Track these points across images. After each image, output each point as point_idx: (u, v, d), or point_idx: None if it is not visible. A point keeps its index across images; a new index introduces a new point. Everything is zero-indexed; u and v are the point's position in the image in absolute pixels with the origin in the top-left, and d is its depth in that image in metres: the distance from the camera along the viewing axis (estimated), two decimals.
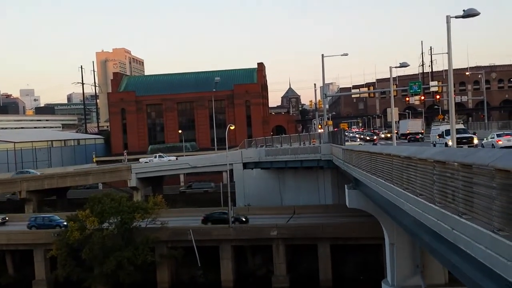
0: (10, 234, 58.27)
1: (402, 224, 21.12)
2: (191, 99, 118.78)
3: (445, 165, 12.86)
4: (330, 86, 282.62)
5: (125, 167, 78.38)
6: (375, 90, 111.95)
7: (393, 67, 49.14)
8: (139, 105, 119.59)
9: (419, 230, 17.12)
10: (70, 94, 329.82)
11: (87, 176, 79.53)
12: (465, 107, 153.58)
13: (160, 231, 52.38)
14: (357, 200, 35.63)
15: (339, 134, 50.55)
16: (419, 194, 15.83)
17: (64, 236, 51.49)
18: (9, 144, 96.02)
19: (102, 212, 51.62)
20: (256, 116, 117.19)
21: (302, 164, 63.17)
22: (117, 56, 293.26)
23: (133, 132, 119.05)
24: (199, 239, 52.67)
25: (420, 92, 63.65)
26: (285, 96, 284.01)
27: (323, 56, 62.21)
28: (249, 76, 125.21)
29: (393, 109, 47.07)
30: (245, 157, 70.97)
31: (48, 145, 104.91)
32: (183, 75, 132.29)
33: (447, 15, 27.60)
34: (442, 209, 13.08)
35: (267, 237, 51.90)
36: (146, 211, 52.85)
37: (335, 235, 51.06)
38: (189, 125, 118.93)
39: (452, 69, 31.53)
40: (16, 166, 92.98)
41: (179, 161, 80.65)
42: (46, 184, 75.76)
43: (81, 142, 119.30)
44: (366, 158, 28.02)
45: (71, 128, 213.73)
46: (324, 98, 67.32)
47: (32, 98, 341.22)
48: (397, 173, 19.30)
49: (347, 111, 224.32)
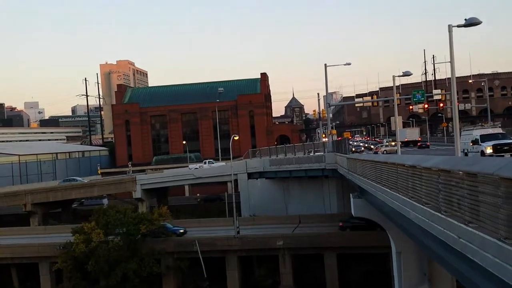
0: (14, 248, 58.31)
1: (409, 232, 21.07)
2: (195, 110, 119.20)
3: (450, 174, 12.89)
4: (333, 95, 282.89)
5: (129, 179, 78.52)
6: (378, 99, 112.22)
7: (396, 76, 49.22)
8: (143, 117, 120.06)
9: (426, 239, 17.08)
10: (75, 106, 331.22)
11: (92, 188, 79.61)
12: (468, 114, 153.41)
13: (166, 242, 52.37)
14: (362, 209, 35.53)
15: (343, 143, 50.59)
16: (424, 202, 15.82)
17: (69, 249, 51.55)
18: (14, 157, 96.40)
19: (108, 224, 51.75)
20: (260, 126, 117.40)
21: (306, 173, 63.16)
22: (121, 68, 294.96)
23: (138, 143, 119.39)
24: (205, 250, 52.61)
25: (424, 101, 63.75)
26: (289, 105, 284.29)
27: (326, 65, 62.34)
28: (253, 86, 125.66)
29: (397, 118, 47.11)
30: (249, 167, 71.02)
31: (53, 157, 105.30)
32: (186, 86, 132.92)
33: (449, 25, 27.72)
34: (448, 218, 13.08)
35: (273, 247, 51.79)
36: (151, 222, 52.91)
37: (341, 244, 50.90)
38: (193, 136, 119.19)
39: (455, 77, 31.62)
40: (21, 179, 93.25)
41: (183, 172, 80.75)
42: (51, 197, 75.88)
43: (86, 154, 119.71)
44: (370, 167, 28.02)
45: (75, 140, 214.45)
46: (327, 108, 67.39)
47: (37, 110, 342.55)
48: (402, 182, 19.29)
49: (351, 119, 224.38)
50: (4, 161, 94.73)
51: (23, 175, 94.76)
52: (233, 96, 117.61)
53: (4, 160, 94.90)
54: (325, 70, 62.36)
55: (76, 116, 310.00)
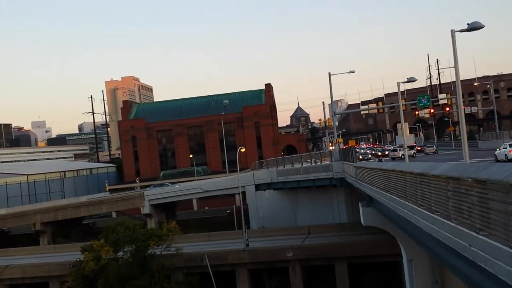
0: (25, 267, 58.37)
1: (419, 240, 20.86)
2: (200, 123, 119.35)
3: (459, 181, 12.72)
4: (338, 103, 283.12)
5: (137, 194, 78.53)
6: (384, 105, 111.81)
7: (401, 82, 49.03)
8: (149, 132, 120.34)
9: (437, 247, 16.87)
10: (81, 124, 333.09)
11: (100, 205, 79.73)
12: (475, 117, 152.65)
13: (175, 257, 52.15)
14: (372, 217, 35.27)
15: (350, 152, 50.35)
16: (434, 210, 15.64)
17: (79, 267, 51.44)
18: (23, 177, 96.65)
19: (117, 241, 51.57)
20: (266, 137, 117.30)
21: (314, 183, 62.87)
22: (126, 84, 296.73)
23: (145, 158, 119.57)
24: (215, 264, 52.32)
25: (430, 105, 63.25)
26: (294, 115, 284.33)
27: (330, 74, 62.32)
28: (257, 97, 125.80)
29: (403, 124, 46.88)
30: (257, 178, 70.85)
31: (61, 176, 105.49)
32: (191, 99, 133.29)
33: (451, 29, 27.58)
34: (458, 226, 12.91)
35: (283, 259, 51.45)
36: (160, 237, 52.74)
37: (352, 254, 50.50)
38: (199, 149, 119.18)
39: (460, 81, 31.41)
40: (29, 198, 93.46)
41: (191, 185, 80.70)
42: (60, 216, 76.04)
43: (94, 171, 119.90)
44: (378, 175, 27.83)
45: (83, 158, 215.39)
46: (333, 116, 67.25)
47: (44, 129, 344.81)
48: (411, 190, 19.12)
49: (357, 127, 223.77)
50: (13, 181, 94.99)
51: (32, 195, 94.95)
52: (238, 108, 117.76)
53: (13, 180, 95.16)
54: (329, 79, 62.36)
55: (83, 134, 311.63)
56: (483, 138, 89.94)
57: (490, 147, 66.74)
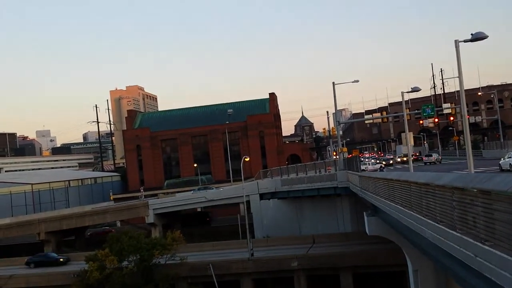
0: (29, 277, 58.41)
1: (425, 250, 20.82)
2: (205, 133, 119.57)
3: (464, 192, 12.76)
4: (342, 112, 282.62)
5: (142, 204, 78.60)
6: (388, 114, 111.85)
7: (405, 92, 49.08)
8: (154, 141, 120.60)
9: (442, 257, 16.85)
10: (86, 133, 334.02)
11: (105, 215, 79.74)
12: (479, 127, 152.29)
13: (180, 267, 52.11)
14: (377, 227, 35.20)
15: (355, 161, 50.35)
16: (439, 220, 15.64)
17: (83, 277, 51.42)
18: (27, 186, 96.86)
19: (121, 250, 51.59)
20: (270, 146, 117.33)
21: (319, 192, 62.80)
22: (130, 93, 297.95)
23: (149, 168, 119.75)
24: (219, 273, 52.28)
25: (434, 115, 63.37)
26: (298, 124, 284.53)
27: (334, 83, 62.42)
28: (262, 106, 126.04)
29: (408, 134, 46.85)
30: (261, 188, 70.81)
31: (65, 185, 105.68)
32: (196, 109, 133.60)
33: (455, 40, 27.69)
34: (463, 236, 12.91)
35: (287, 268, 51.35)
36: (164, 247, 52.74)
37: (357, 264, 50.33)
38: (204, 158, 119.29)
39: (464, 90, 31.44)
40: (34, 207, 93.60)
41: (195, 195, 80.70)
42: (64, 225, 76.08)
43: (98, 180, 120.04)
44: (383, 185, 27.84)
45: (87, 167, 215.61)
46: (337, 125, 67.27)
47: (48, 139, 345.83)
48: (416, 200, 19.14)
49: (361, 136, 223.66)
50: (18, 190, 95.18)
51: (36, 204, 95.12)
52: (243, 117, 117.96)
53: (18, 189, 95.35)
54: (333, 88, 62.45)
55: (87, 143, 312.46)
56: (488, 147, 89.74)
57: (494, 156, 66.64)
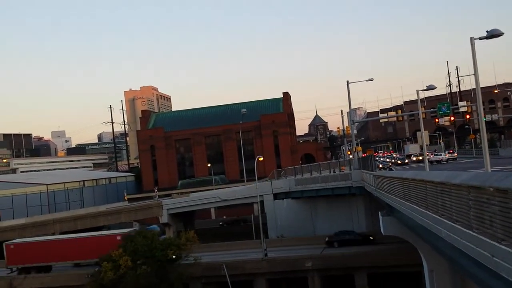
0: (43, 278, 58.79)
1: (441, 250, 20.51)
2: (218, 132, 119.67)
3: (480, 191, 12.48)
4: (357, 111, 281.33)
5: (156, 204, 78.83)
6: (403, 113, 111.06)
7: (420, 90, 48.51)
8: (168, 141, 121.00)
9: (459, 257, 16.57)
10: (100, 133, 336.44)
11: (119, 215, 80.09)
12: (496, 125, 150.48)
13: (194, 267, 52.09)
14: (392, 227, 34.84)
15: (370, 160, 49.92)
16: (455, 220, 15.36)
17: (97, 277, 51.60)
18: (42, 186, 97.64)
19: (135, 250, 51.67)
20: (284, 146, 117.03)
21: (333, 192, 62.46)
22: (144, 93, 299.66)
23: (163, 168, 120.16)
24: (233, 273, 52.16)
25: (450, 113, 62.57)
26: (312, 123, 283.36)
27: (348, 82, 62.03)
28: (275, 106, 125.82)
29: (423, 133, 46.33)
30: (275, 187, 70.61)
31: (80, 185, 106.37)
32: (209, 108, 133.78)
33: (471, 37, 27.19)
34: (480, 236, 12.65)
35: (301, 269, 51.12)
36: (178, 247, 52.73)
37: (372, 264, 49.94)
38: (217, 158, 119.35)
39: (480, 88, 30.94)
40: (49, 208, 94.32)
41: (209, 194, 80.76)
42: (79, 225, 76.53)
43: (113, 180, 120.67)
44: (398, 184, 27.51)
45: (102, 167, 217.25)
46: (351, 124, 66.85)
47: (63, 139, 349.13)
48: (432, 199, 18.86)
49: (376, 135, 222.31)
50: (33, 190, 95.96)
51: (51, 204, 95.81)
52: (256, 117, 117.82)
53: (33, 190, 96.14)
54: (347, 87, 62.07)
55: (102, 143, 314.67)
56: (505, 145, 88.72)
57: (511, 154, 65.73)
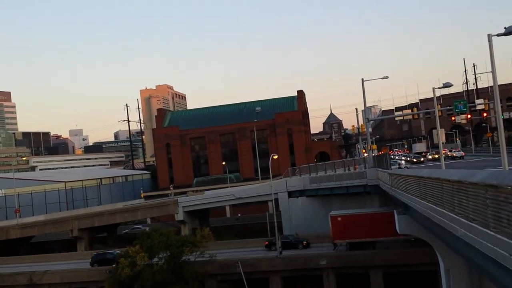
0: (63, 273, 59.60)
1: (457, 249, 20.38)
2: (233, 131, 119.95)
3: (498, 189, 12.40)
4: (372, 109, 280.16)
5: (171, 201, 79.28)
6: (419, 111, 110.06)
7: (436, 87, 48.03)
8: (183, 139, 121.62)
9: (475, 256, 16.46)
10: (117, 132, 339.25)
11: (135, 212, 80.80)
12: None
13: (209, 264, 52.38)
14: (407, 225, 34.74)
15: (385, 158, 49.68)
16: (472, 219, 15.28)
17: (115, 273, 52.17)
18: (61, 184, 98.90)
19: (152, 247, 52.14)
20: (299, 144, 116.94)
21: (348, 190, 62.27)
22: (160, 92, 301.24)
23: (178, 166, 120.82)
24: (248, 271, 52.32)
25: (466, 111, 62.00)
26: (327, 121, 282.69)
27: (363, 80, 61.77)
28: (290, 104, 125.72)
29: (439, 130, 45.90)
30: (289, 185, 70.59)
31: (97, 183, 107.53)
32: (224, 107, 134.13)
33: (488, 34, 26.95)
34: (497, 235, 12.57)
35: (316, 267, 51.06)
36: (194, 244, 53.07)
37: (387, 263, 49.69)
38: (232, 156, 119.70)
39: (498, 85, 30.63)
40: (67, 205, 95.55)
41: (224, 192, 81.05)
42: (96, 222, 77.39)
43: (129, 178, 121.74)
44: (414, 182, 27.38)
45: (118, 165, 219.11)
46: (366, 122, 66.58)
47: (81, 137, 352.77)
48: (448, 198, 18.73)
49: (391, 133, 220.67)
50: (52, 188, 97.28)
51: (70, 201, 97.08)
52: (271, 115, 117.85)
53: (52, 187, 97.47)
54: (362, 85, 61.87)
55: (118, 142, 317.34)
56: None
57: None
